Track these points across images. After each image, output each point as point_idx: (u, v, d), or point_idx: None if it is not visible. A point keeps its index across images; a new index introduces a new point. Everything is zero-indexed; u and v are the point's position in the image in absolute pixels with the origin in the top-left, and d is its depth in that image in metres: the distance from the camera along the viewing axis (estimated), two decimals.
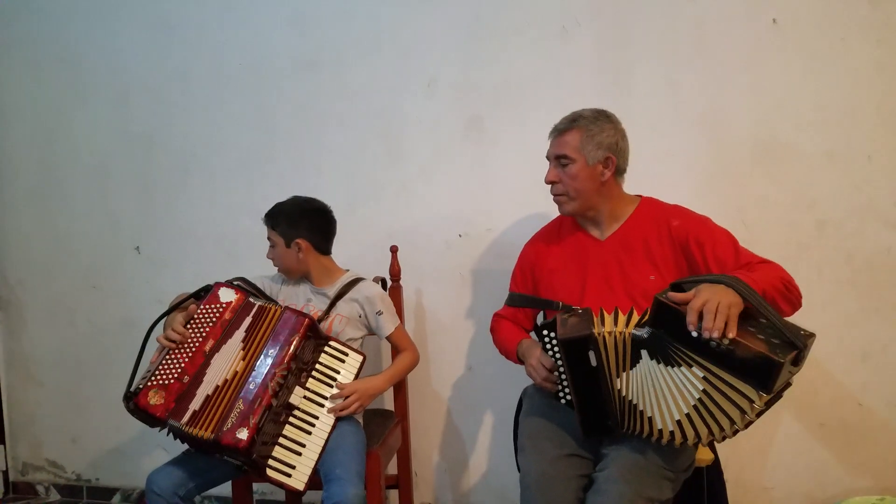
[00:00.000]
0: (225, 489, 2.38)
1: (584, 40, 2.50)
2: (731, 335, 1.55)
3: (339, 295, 2.31)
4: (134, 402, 2.00)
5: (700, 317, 1.57)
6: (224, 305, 2.13)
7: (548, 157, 2.10)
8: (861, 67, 2.30)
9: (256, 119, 2.82)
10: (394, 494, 2.68)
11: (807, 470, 2.42)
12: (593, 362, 1.77)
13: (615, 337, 1.74)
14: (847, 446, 2.38)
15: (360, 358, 2.21)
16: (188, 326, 2.10)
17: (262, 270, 2.47)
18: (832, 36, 2.31)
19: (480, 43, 2.59)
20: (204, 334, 2.09)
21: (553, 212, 2.36)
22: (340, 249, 2.53)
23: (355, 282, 2.35)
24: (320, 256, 2.32)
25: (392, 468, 2.60)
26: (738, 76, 2.39)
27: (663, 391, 1.69)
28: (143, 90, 2.91)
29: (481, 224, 2.64)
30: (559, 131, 2.07)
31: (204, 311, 2.12)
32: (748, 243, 2.37)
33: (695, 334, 1.58)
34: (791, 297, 1.84)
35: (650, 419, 1.74)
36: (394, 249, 2.57)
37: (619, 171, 2.06)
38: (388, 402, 2.69)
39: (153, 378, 2.02)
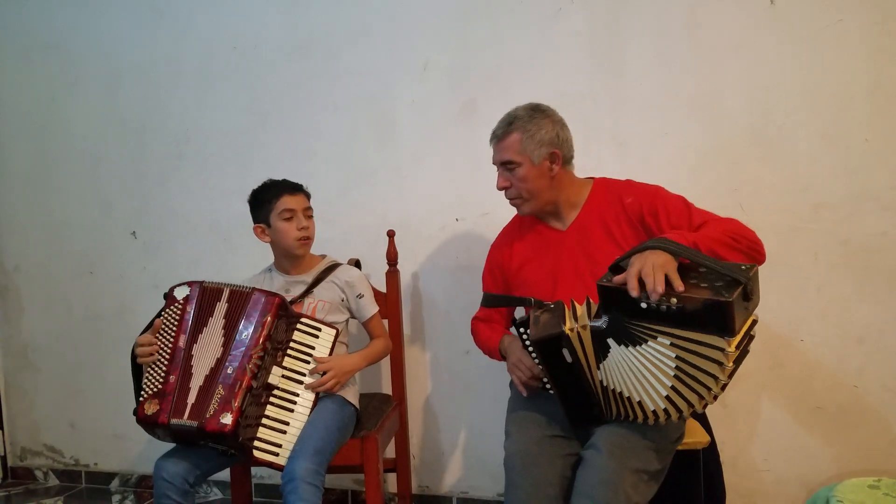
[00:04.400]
0: (224, 473, 2.39)
1: (578, 21, 2.48)
2: (679, 289, 1.55)
3: (318, 279, 2.30)
4: (136, 417, 2.02)
5: (642, 285, 1.58)
6: (182, 301, 2.13)
7: (494, 164, 2.09)
8: (857, 49, 2.29)
9: (248, 103, 2.81)
10: (392, 478, 2.70)
11: (802, 453, 2.43)
12: (569, 359, 1.76)
13: (578, 332, 1.73)
14: (842, 429, 2.39)
15: (333, 332, 2.21)
16: (158, 336, 2.10)
17: (255, 254, 2.46)
18: (829, 18, 2.29)
19: (473, 24, 2.58)
20: (173, 333, 2.10)
21: None
22: (334, 233, 2.53)
23: (334, 266, 2.34)
24: None
25: (390, 452, 2.62)
26: (732, 57, 2.38)
27: (642, 372, 1.67)
28: (134, 76, 2.90)
29: (477, 208, 2.63)
30: (498, 137, 2.06)
31: (166, 314, 2.13)
32: None
33: (644, 305, 1.58)
34: (740, 246, 1.79)
35: (640, 403, 1.73)
36: (391, 234, 2.57)
37: (567, 161, 2.06)
38: (386, 386, 2.69)
39: (144, 391, 2.04)
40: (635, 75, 2.46)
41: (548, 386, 1.93)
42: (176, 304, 2.13)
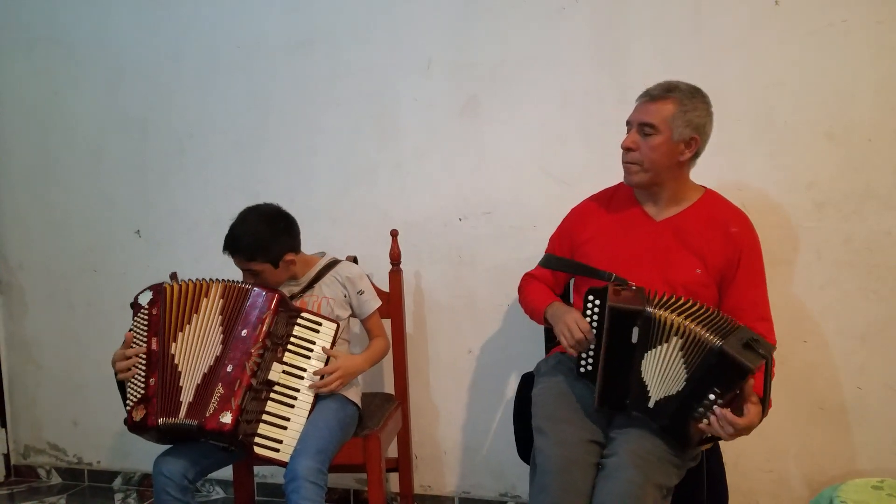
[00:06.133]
0: (226, 472, 2.39)
1: (581, 19, 2.48)
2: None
3: (318, 277, 2.29)
4: (127, 426, 2.04)
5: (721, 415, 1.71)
6: (147, 306, 2.13)
7: (629, 122, 2.01)
8: (861, 48, 2.28)
9: (250, 100, 2.80)
10: (394, 477, 2.70)
11: (805, 453, 2.42)
12: (634, 339, 1.77)
13: (655, 317, 1.77)
14: (845, 429, 2.38)
15: (334, 325, 2.19)
16: (133, 346, 2.10)
17: None
18: (833, 17, 2.28)
19: (476, 22, 2.57)
20: (144, 338, 2.09)
21: (554, 194, 2.35)
22: (336, 232, 2.52)
23: (334, 263, 2.33)
24: (299, 254, 2.29)
25: (392, 451, 2.61)
26: (735, 56, 2.37)
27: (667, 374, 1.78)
28: (137, 72, 2.90)
29: (480, 206, 2.63)
30: (652, 97, 1.96)
31: (135, 322, 2.13)
32: None
33: (705, 419, 1.73)
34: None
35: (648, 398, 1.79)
36: (394, 233, 2.56)
37: (696, 155, 2.00)
38: (389, 385, 2.69)
39: (129, 400, 2.05)
40: (638, 73, 2.44)
41: (581, 364, 1.90)
42: (142, 311, 2.13)
